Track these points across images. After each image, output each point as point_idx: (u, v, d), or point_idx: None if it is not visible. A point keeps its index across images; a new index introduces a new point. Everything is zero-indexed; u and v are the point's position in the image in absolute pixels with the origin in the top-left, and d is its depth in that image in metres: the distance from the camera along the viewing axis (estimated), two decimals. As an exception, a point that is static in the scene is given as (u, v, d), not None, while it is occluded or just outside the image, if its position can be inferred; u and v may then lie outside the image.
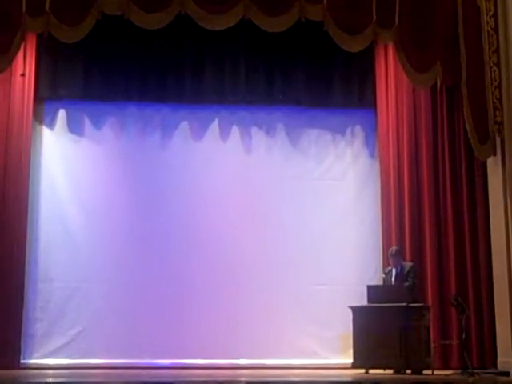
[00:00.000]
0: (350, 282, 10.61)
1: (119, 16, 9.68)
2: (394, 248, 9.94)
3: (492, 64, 9.99)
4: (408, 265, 9.81)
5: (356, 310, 9.34)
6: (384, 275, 9.83)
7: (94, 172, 10.99)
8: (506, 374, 9.30)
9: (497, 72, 9.99)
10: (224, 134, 11.15)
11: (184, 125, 11.13)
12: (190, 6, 9.64)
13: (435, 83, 10.35)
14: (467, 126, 10.02)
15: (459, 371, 9.19)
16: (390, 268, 9.80)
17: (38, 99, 10.88)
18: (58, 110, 11.02)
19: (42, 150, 10.92)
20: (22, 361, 10.22)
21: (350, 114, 11.28)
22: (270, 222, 10.94)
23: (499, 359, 9.90)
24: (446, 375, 8.93)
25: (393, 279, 9.68)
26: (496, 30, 10.06)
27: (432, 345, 9.38)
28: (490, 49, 10.02)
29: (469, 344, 9.93)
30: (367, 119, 11.24)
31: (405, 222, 10.66)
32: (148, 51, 10.84)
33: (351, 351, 9.34)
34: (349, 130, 11.26)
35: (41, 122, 10.99)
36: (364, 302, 9.43)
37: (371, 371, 9.19)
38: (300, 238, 10.86)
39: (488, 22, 10.09)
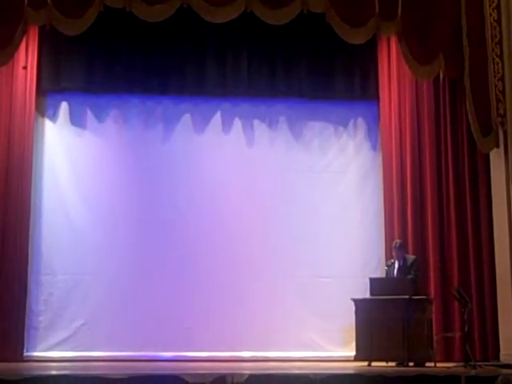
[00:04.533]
0: (353, 274, 10.61)
1: (121, 8, 9.66)
2: (397, 241, 9.93)
3: (495, 56, 9.97)
4: (411, 258, 9.79)
5: (358, 303, 9.34)
6: (386, 268, 9.82)
7: (97, 164, 10.99)
8: (509, 366, 9.26)
9: (500, 64, 9.96)
10: (226, 126, 11.14)
11: (186, 117, 11.12)
12: (193, -3, 9.64)
13: (438, 75, 10.33)
14: (470, 118, 10.01)
15: (462, 364, 9.18)
16: (392, 261, 9.79)
17: (41, 92, 10.87)
18: (60, 102, 11.01)
19: (45, 143, 10.91)
20: (25, 353, 10.26)
21: (353, 106, 11.26)
22: (273, 214, 10.94)
23: (502, 352, 9.91)
24: (448, 368, 8.92)
25: (395, 272, 9.68)
26: (499, 21, 10.04)
27: (434, 337, 9.40)
28: (492, 41, 10.00)
29: (471, 336, 9.94)
30: (370, 111, 11.22)
31: (407, 214, 10.65)
32: (150, 44, 10.82)
33: (354, 344, 9.35)
34: (351, 123, 11.25)
35: (43, 115, 10.98)
36: (366, 294, 9.43)
37: (374, 364, 9.19)
38: (302, 231, 10.86)
39: (491, 14, 10.06)
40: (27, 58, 10.64)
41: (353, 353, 9.37)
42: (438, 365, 9.18)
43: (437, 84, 10.73)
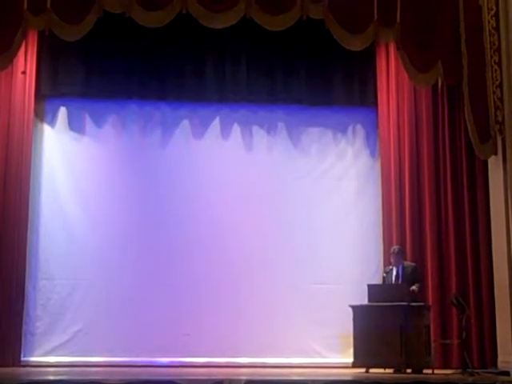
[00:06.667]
0: (351, 281, 10.59)
1: (120, 14, 9.68)
2: (395, 247, 9.93)
3: (493, 63, 9.98)
4: (411, 265, 9.78)
5: (357, 309, 9.33)
6: (385, 274, 9.81)
7: (95, 170, 10.99)
8: (506, 373, 9.29)
9: (498, 71, 9.97)
10: (225, 132, 11.15)
11: (185, 123, 11.13)
12: (192, 4, 9.64)
13: (436, 82, 10.35)
14: (468, 125, 10.00)
15: (459, 370, 9.19)
16: (390, 267, 9.80)
17: (39, 97, 10.88)
18: (58, 107, 11.02)
19: (43, 148, 10.92)
20: (22, 358, 10.24)
21: (351, 112, 11.27)
22: (271, 220, 10.94)
23: (499, 359, 9.90)
24: (446, 374, 8.93)
25: (393, 278, 9.68)
26: (497, 29, 10.04)
27: (432, 344, 9.39)
28: (491, 48, 10.00)
29: (469, 343, 9.94)
30: (368, 118, 11.22)
31: (405, 221, 10.65)
32: (149, 49, 10.83)
33: (351, 350, 9.32)
34: (350, 129, 11.26)
35: (42, 120, 10.99)
36: (365, 301, 9.42)
37: (371, 370, 9.18)
38: (301, 237, 10.85)
39: (489, 22, 10.06)
40: (26, 63, 10.64)
41: (351, 359, 9.34)
42: (436, 372, 9.17)
43: (435, 91, 10.75)
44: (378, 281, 10.19)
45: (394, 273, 9.69)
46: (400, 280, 9.62)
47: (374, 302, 9.29)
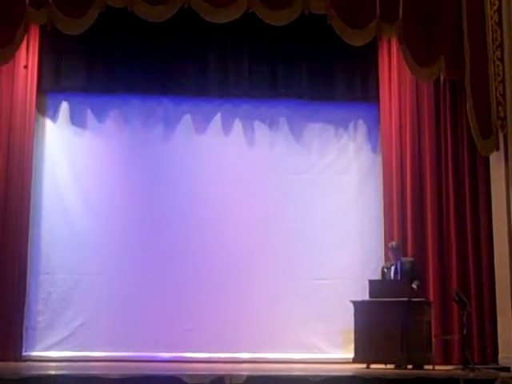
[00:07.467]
0: (352, 276, 10.61)
1: (122, 8, 9.67)
2: (394, 242, 9.94)
3: (496, 59, 9.96)
4: (409, 261, 9.78)
5: (358, 305, 9.33)
6: (386, 270, 9.80)
7: (97, 164, 10.99)
8: (507, 369, 9.30)
9: (500, 67, 9.95)
10: (227, 127, 11.14)
11: (187, 118, 11.13)
12: (194, -2, 9.65)
13: (438, 77, 10.33)
14: (470, 120, 9.99)
15: (460, 366, 9.19)
16: (391, 263, 9.79)
17: (41, 91, 10.88)
18: (60, 102, 11.03)
19: (45, 143, 10.92)
20: (23, 353, 10.26)
21: (353, 108, 11.26)
22: (272, 215, 10.94)
23: (500, 354, 9.91)
24: (447, 370, 8.93)
25: (392, 274, 9.67)
26: (500, 24, 10.03)
27: (433, 340, 9.39)
28: (493, 44, 9.99)
29: (470, 339, 9.94)
30: (370, 113, 11.21)
31: (407, 216, 10.65)
32: (151, 44, 10.83)
33: (352, 346, 9.32)
34: (351, 124, 11.25)
35: (43, 114, 10.99)
36: (366, 296, 9.42)
37: (372, 366, 9.19)
38: (302, 232, 10.85)
39: (492, 17, 10.05)
40: (28, 57, 10.65)
41: (351, 355, 9.34)
42: (437, 367, 9.17)
43: (437, 86, 10.73)
44: (378, 276, 10.18)
45: (393, 269, 9.69)
46: (399, 276, 9.62)
47: (374, 298, 9.29)
